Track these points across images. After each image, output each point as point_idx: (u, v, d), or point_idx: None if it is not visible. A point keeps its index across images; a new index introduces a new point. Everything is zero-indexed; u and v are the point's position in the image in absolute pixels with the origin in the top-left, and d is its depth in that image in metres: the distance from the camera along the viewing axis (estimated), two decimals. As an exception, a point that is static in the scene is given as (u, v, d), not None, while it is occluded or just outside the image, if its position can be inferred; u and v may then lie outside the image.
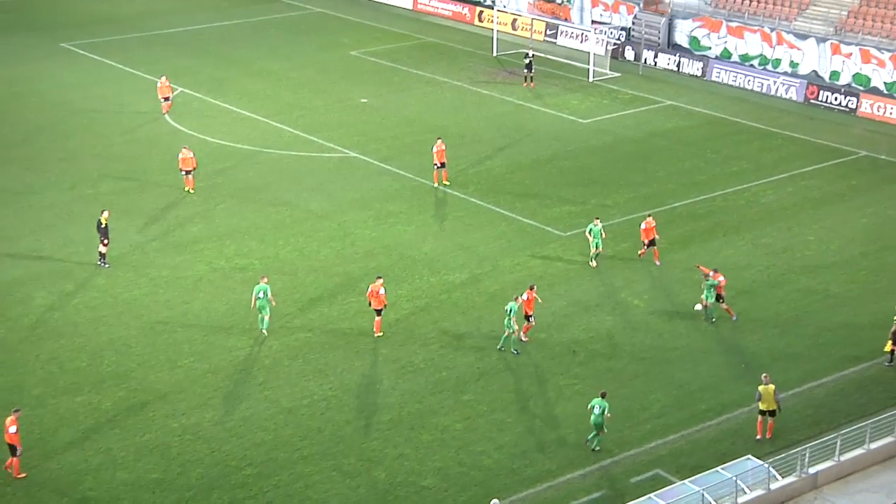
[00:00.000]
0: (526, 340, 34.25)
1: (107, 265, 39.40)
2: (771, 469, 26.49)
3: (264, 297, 34.73)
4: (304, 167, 49.43)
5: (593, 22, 68.86)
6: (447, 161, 46.74)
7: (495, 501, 26.03)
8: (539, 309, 35.38)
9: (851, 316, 36.07)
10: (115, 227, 40.60)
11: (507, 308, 33.56)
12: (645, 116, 56.63)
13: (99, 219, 39.49)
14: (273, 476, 28.34)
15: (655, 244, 39.33)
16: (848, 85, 58.19)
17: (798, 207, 44.73)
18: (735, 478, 26.01)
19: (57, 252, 40.84)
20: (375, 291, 34.67)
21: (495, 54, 67.69)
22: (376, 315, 34.85)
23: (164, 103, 55.73)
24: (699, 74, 63.27)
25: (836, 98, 57.43)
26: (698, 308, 35.76)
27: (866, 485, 27.40)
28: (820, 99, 58.02)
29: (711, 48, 64.21)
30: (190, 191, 46.01)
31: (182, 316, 36.19)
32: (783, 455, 27.25)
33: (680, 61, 64.28)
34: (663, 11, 66.81)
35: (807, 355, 33.77)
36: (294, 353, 33.98)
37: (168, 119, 55.29)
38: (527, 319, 34.16)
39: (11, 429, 27.97)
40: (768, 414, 29.32)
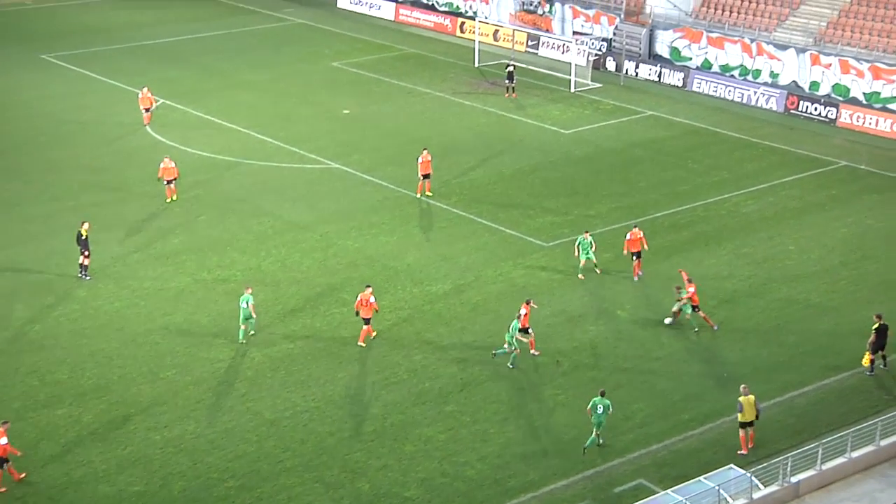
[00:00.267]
0: (537, 353, 34.11)
1: (88, 277, 39.23)
2: (753, 478, 26.56)
3: (247, 308, 34.78)
4: (286, 178, 49.38)
5: (575, 33, 69.12)
6: (432, 172, 46.78)
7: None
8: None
9: (832, 325, 36.24)
10: (97, 239, 40.44)
11: (511, 326, 33.48)
12: (626, 127, 56.84)
13: (79, 230, 39.32)
14: (256, 488, 28.23)
15: (641, 256, 39.29)
16: (827, 95, 58.55)
17: (779, 217, 44.95)
18: (718, 487, 26.06)
19: (37, 264, 40.64)
20: (365, 300, 34.70)
21: (477, 65, 67.83)
22: (364, 324, 34.86)
23: (145, 114, 55.62)
24: (680, 85, 63.55)
25: (816, 108, 57.77)
26: (668, 322, 35.92)
27: (848, 493, 27.51)
28: (800, 109, 58.36)
29: (692, 59, 64.52)
30: (170, 200, 45.95)
31: (164, 328, 36.06)
32: (765, 464, 27.32)
33: (661, 72, 64.56)
34: (644, 22, 67.12)
35: (788, 365, 33.89)
36: (276, 365, 33.90)
37: (149, 130, 55.15)
38: (526, 333, 34.07)
39: (2, 440, 27.86)
40: (749, 426, 29.38)
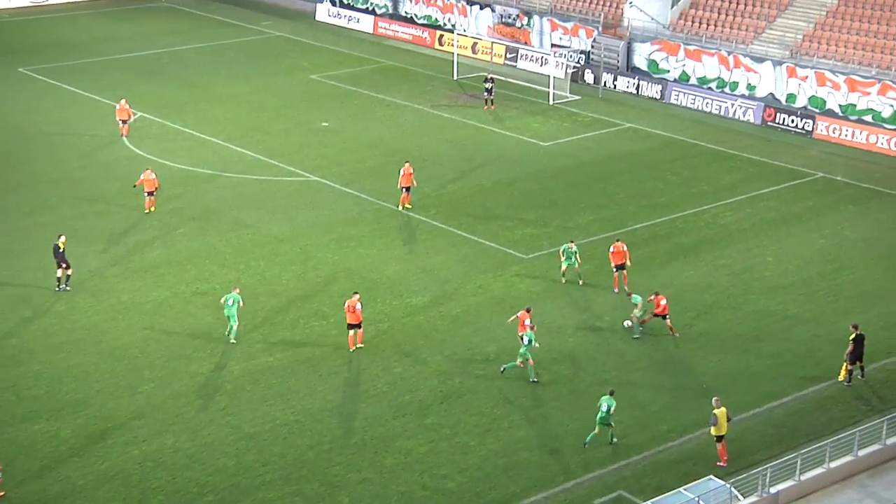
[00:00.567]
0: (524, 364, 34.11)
1: (68, 288, 39.06)
2: (733, 489, 26.63)
3: (233, 306, 35.09)
4: (265, 191, 49.28)
5: (553, 45, 69.37)
6: (414, 185, 46.79)
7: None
8: (503, 331, 35.41)
9: (810, 336, 36.41)
10: (74, 253, 40.23)
11: (525, 337, 33.28)
12: (605, 139, 57.03)
13: (56, 243, 39.16)
14: (235, 502, 28.07)
15: (624, 268, 39.29)
16: (804, 107, 58.93)
17: (757, 229, 45.17)
18: (697, 498, 26.12)
19: (15, 278, 40.38)
20: (352, 306, 34.79)
21: (456, 78, 67.96)
22: (349, 330, 35.02)
23: (123, 126, 55.49)
24: (658, 97, 63.85)
25: (793, 120, 58.14)
26: (627, 325, 36.15)
27: (827, 503, 27.65)
28: (777, 121, 58.73)
29: (670, 71, 64.85)
30: (149, 211, 45.90)
31: (142, 342, 35.88)
32: (745, 475, 27.40)
33: (639, 84, 64.86)
34: (622, 35, 67.44)
35: (766, 375, 34.02)
36: (256, 378, 33.78)
37: (127, 143, 54.96)
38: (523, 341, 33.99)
39: None
40: (722, 438, 29.44)
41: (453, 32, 72.76)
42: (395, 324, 37.11)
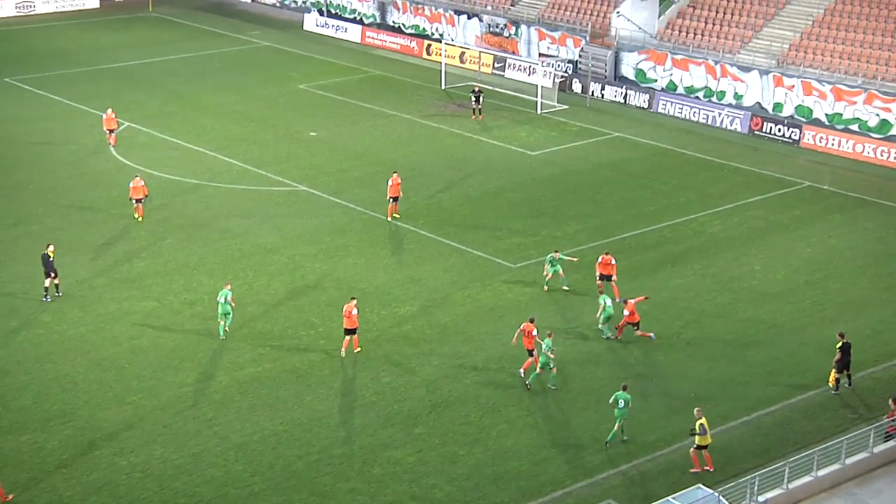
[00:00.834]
0: (522, 375, 34.10)
1: (59, 294, 39.05)
2: (721, 498, 26.63)
3: (226, 302, 35.41)
4: (253, 201, 49.23)
5: (541, 55, 69.51)
6: (401, 195, 46.80)
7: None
8: (491, 340, 35.40)
9: (798, 344, 36.50)
10: (62, 263, 40.11)
11: (544, 345, 33.28)
12: (593, 148, 57.15)
13: (45, 252, 39.10)
14: (223, 513, 28.05)
15: (611, 279, 39.23)
16: (791, 117, 59.16)
17: (744, 237, 45.29)
18: (686, 507, 26.17)
19: (1, 288, 40.23)
20: (349, 311, 34.93)
21: (444, 87, 68.04)
22: (346, 335, 35.13)
23: (110, 135, 55.41)
24: (645, 106, 64.03)
25: (780, 129, 58.35)
26: (609, 334, 36.38)
27: (815, 512, 27.76)
28: (764, 130, 58.93)
29: (657, 80, 65.04)
30: (139, 219, 45.98)
31: (130, 352, 35.78)
32: (733, 483, 27.42)
33: (626, 93, 65.03)
34: (609, 44, 67.62)
35: (754, 384, 34.08)
36: (244, 389, 33.70)
37: (114, 153, 54.87)
38: (529, 354, 33.97)
39: None
40: (705, 448, 29.51)
41: (441, 42, 72.87)
42: (384, 333, 37.08)
